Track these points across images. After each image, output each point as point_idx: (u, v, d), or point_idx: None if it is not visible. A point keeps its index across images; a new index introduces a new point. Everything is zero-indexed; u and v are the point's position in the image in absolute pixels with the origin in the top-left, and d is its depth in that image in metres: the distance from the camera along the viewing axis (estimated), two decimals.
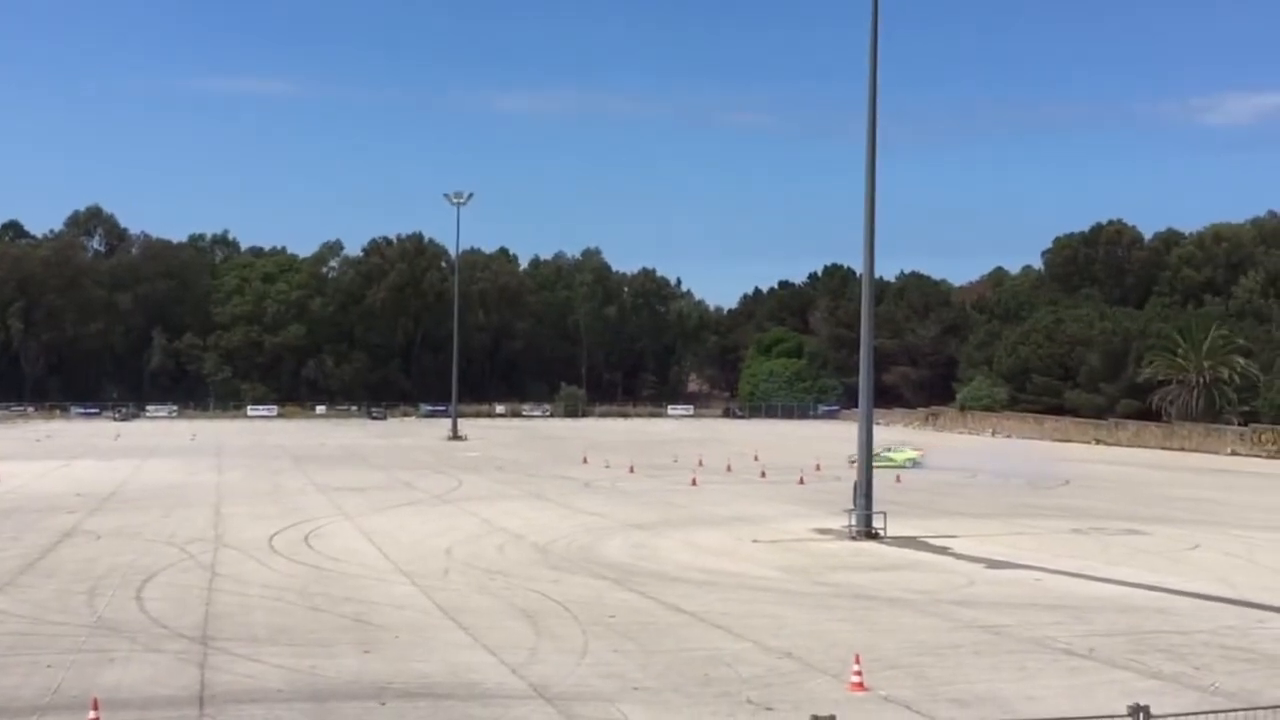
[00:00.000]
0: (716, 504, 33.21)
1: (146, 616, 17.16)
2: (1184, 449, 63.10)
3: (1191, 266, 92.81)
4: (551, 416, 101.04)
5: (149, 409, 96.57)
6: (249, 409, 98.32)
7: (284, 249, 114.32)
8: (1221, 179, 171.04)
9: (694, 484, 38.95)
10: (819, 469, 45.95)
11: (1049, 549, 24.71)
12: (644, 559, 23.10)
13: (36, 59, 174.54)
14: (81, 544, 24.51)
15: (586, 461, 49.20)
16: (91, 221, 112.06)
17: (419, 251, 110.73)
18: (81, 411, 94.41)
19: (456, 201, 70.98)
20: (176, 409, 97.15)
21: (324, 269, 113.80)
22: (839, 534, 26.54)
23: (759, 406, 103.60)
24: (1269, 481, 44.37)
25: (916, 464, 47.26)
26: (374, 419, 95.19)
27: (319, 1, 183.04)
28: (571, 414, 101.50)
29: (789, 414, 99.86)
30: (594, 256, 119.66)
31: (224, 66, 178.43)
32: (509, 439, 68.38)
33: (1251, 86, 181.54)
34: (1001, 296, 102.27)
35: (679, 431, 78.75)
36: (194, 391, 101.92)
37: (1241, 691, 13.07)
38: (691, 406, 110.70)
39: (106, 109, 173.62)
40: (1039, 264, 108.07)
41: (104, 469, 44.44)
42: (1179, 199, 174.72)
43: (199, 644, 15.34)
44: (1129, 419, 71.85)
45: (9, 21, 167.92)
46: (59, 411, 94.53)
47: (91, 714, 11.29)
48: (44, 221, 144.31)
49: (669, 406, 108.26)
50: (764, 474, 43.59)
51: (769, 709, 12.41)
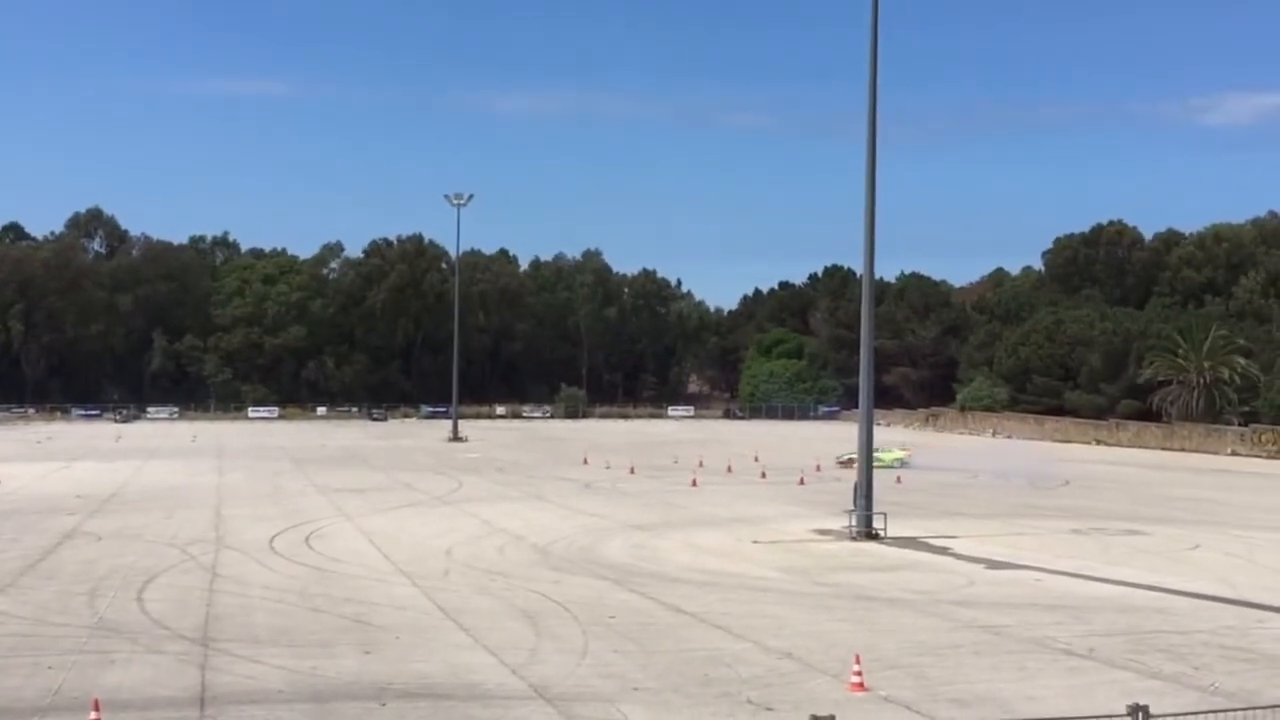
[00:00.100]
0: (717, 505, 33.22)
1: (147, 618, 17.19)
2: (1184, 449, 63.11)
3: (1192, 267, 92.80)
4: (552, 418, 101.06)
5: (150, 411, 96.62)
6: (250, 410, 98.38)
7: (284, 250, 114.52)
8: (1222, 179, 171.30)
9: (694, 485, 38.96)
10: (819, 470, 46.00)
11: (1049, 549, 24.73)
12: (644, 560, 23.13)
13: (37, 61, 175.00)
14: (82, 545, 24.54)
15: (587, 463, 49.21)
16: (92, 223, 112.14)
17: (419, 253, 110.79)
18: (82, 413, 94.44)
19: (457, 203, 71.03)
20: (177, 411, 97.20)
21: (324, 270, 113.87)
22: (839, 535, 26.56)
23: (759, 407, 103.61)
24: (1269, 482, 44.38)
25: (904, 464, 47.28)
26: (374, 420, 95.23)
27: (319, 3, 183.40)
28: (572, 415, 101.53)
29: (789, 415, 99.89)
30: (594, 258, 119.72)
31: (224, 68, 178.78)
32: (509, 440, 68.40)
33: (1251, 86, 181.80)
34: (1002, 297, 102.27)
35: (679, 432, 78.76)
36: (195, 393, 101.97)
37: (1241, 691, 13.08)
38: (692, 407, 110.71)
39: (107, 110, 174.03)
40: (1039, 264, 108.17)
41: (105, 471, 44.45)
42: (1179, 199, 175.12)
43: (200, 645, 15.36)
44: (1129, 419, 71.86)
45: (9, 23, 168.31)
46: (60, 413, 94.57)
47: (92, 715, 11.31)
48: (44, 223, 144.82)
49: (669, 407, 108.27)
50: (764, 475, 43.60)
51: (769, 709, 12.43)
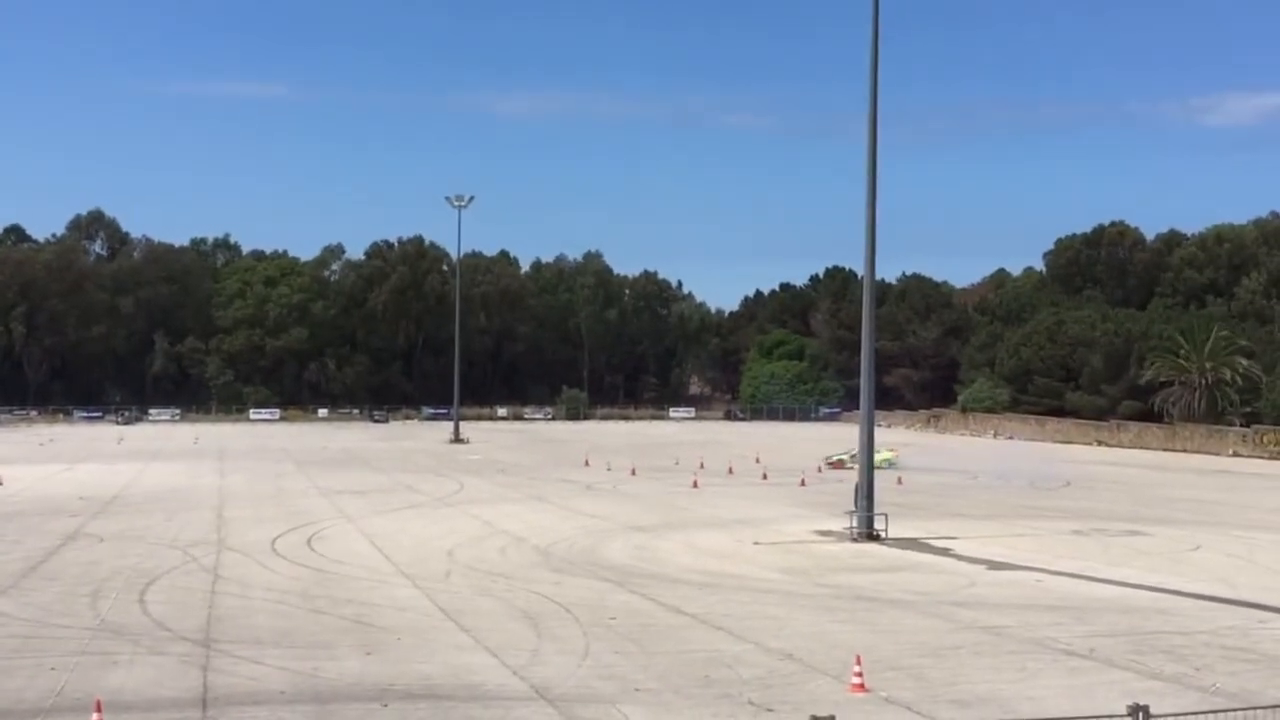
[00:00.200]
0: (718, 506, 33.23)
1: (149, 619, 17.21)
2: (1186, 450, 63.09)
3: (1193, 268, 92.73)
4: (553, 419, 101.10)
5: (151, 413, 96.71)
6: (251, 412, 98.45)
7: (285, 252, 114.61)
8: (1223, 180, 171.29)
9: (695, 486, 38.96)
10: (820, 471, 46.04)
11: (1050, 550, 24.73)
12: (645, 561, 23.14)
13: (38, 62, 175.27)
14: (85, 547, 24.57)
15: (588, 464, 49.22)
16: (93, 225, 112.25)
17: (420, 255, 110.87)
18: (84, 415, 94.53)
19: (457, 204, 71.08)
20: (179, 413, 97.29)
21: (326, 272, 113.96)
22: (840, 536, 26.56)
23: (760, 409, 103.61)
24: (1271, 482, 44.34)
25: (892, 464, 47.21)
26: (376, 422, 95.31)
27: (320, 5, 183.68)
28: (573, 417, 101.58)
29: (790, 416, 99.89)
30: (595, 259, 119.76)
31: (225, 70, 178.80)
32: (510, 442, 68.42)
33: (1253, 87, 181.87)
34: (1003, 298, 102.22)
35: (680, 434, 78.76)
36: (196, 395, 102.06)
37: (1242, 692, 13.08)
38: (693, 409, 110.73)
39: (108, 112, 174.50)
40: (1041, 265, 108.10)
41: (107, 472, 44.49)
42: (1181, 200, 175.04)
43: (202, 646, 15.39)
44: (1131, 420, 71.82)
45: (10, 25, 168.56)
46: (62, 415, 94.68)
47: (95, 716, 11.33)
48: (46, 225, 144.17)
49: (670, 409, 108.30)
50: (765, 476, 43.61)
51: (770, 710, 12.44)
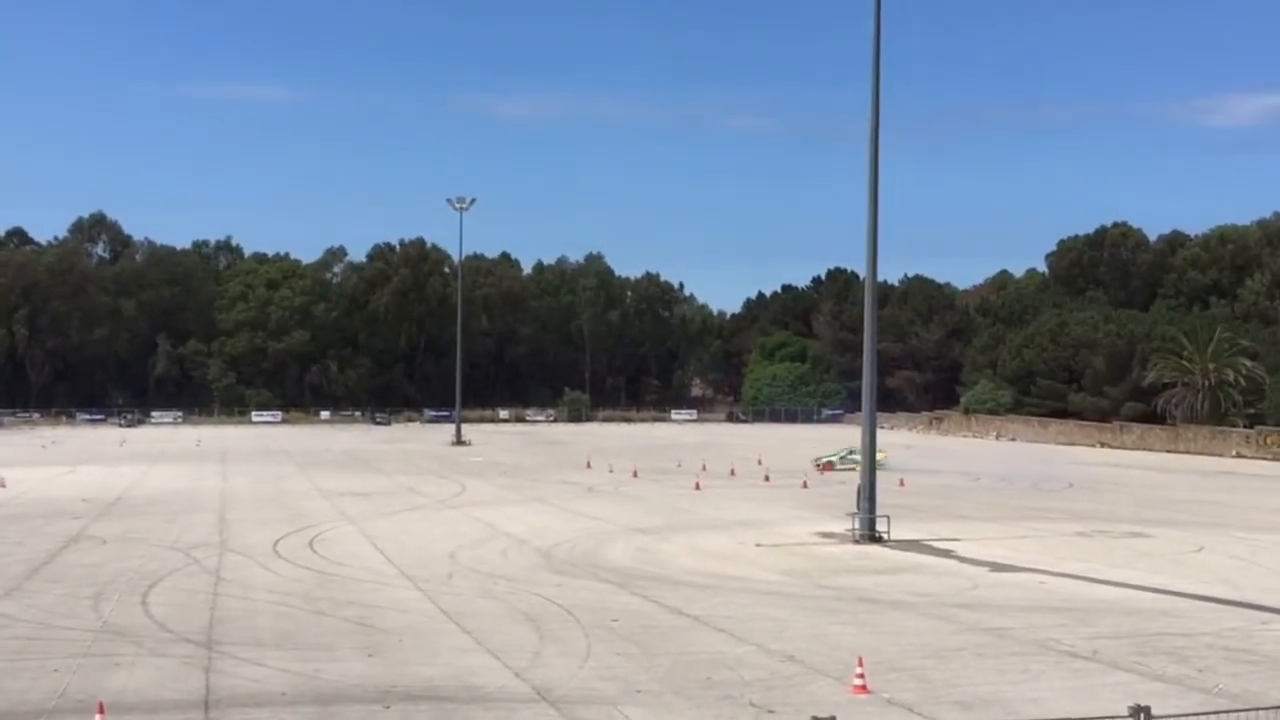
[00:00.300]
0: (720, 508, 33.23)
1: (152, 621, 17.23)
2: (1189, 452, 63.03)
3: (1197, 268, 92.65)
4: (555, 421, 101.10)
5: (154, 415, 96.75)
6: (253, 415, 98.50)
7: (288, 255, 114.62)
8: (1226, 180, 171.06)
9: (697, 488, 38.97)
10: (822, 473, 46.03)
11: (1053, 552, 24.72)
12: (647, 563, 23.14)
13: (40, 65, 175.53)
14: (87, 549, 24.59)
15: (590, 466, 49.22)
16: (96, 228, 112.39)
17: (422, 257, 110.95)
18: (87, 418, 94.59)
19: (459, 207, 71.12)
20: (181, 415, 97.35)
21: (328, 275, 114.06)
22: (842, 537, 26.56)
23: (762, 411, 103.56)
24: (1274, 484, 44.28)
25: (882, 466, 47.33)
26: (378, 424, 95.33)
27: (321, 8, 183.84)
28: (575, 419, 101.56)
29: (792, 418, 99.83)
30: (597, 261, 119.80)
31: (226, 73, 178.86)
32: (513, 444, 68.43)
33: (1255, 87, 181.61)
34: (1006, 299, 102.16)
35: (682, 436, 78.76)
36: (199, 397, 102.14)
37: (1245, 693, 13.07)
38: (695, 411, 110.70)
39: (110, 116, 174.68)
40: (1043, 266, 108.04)
41: (109, 475, 44.53)
42: (1184, 201, 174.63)
43: (204, 648, 15.40)
44: (1134, 422, 71.75)
45: (13, 28, 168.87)
46: (64, 418, 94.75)
47: (97, 717, 11.35)
48: (49, 228, 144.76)
49: (672, 411, 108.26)
50: (767, 478, 43.62)
51: (771, 712, 12.43)
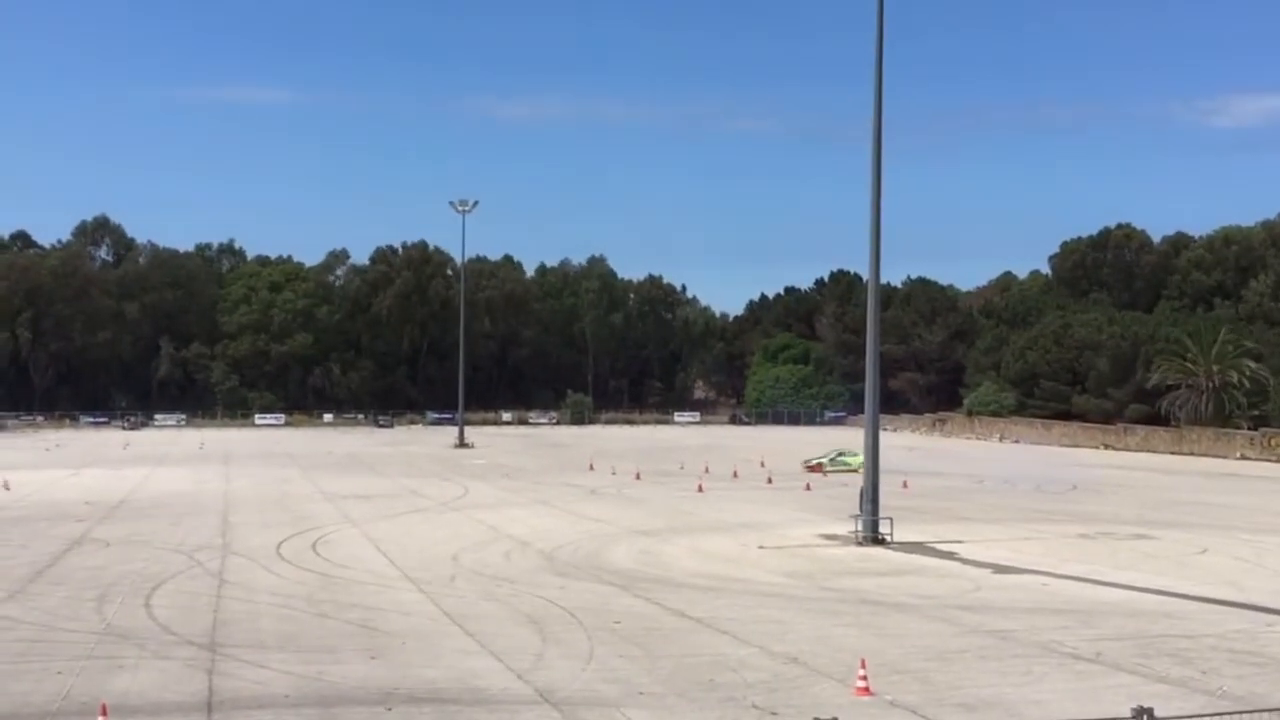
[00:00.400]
0: (722, 510, 33.21)
1: (155, 623, 17.25)
2: (1193, 453, 62.93)
3: (1201, 270, 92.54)
4: (558, 424, 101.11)
5: (157, 418, 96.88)
6: (256, 418, 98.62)
7: (290, 258, 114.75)
8: (1230, 181, 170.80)
9: (700, 490, 38.95)
10: (825, 475, 46.01)
11: (1056, 553, 24.69)
12: (650, 565, 23.13)
13: (43, 69, 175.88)
14: (91, 552, 24.62)
15: (593, 468, 49.23)
16: (99, 231, 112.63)
17: (425, 259, 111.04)
18: (90, 421, 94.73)
19: (462, 210, 71.17)
20: (184, 418, 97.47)
21: (330, 277, 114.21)
22: (845, 539, 26.54)
23: (765, 413, 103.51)
24: (1279, 485, 44.19)
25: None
26: (381, 427, 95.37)
27: (323, 11, 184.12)
28: (578, 421, 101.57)
29: (795, 420, 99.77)
30: (599, 263, 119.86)
31: (228, 76, 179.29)
32: (515, 446, 68.45)
33: (1259, 88, 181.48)
34: (1009, 301, 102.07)
35: (685, 438, 78.74)
36: (202, 400, 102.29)
37: (1250, 695, 13.04)
38: (698, 413, 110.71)
39: (114, 119, 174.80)
40: (1046, 268, 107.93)
41: (113, 477, 44.59)
42: (1188, 202, 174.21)
43: (207, 650, 15.41)
44: (1138, 424, 71.64)
45: (16, 31, 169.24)
46: (68, 421, 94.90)
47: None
48: (52, 231, 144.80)
49: (675, 413, 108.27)
50: (770, 480, 43.60)
51: (774, 714, 12.43)
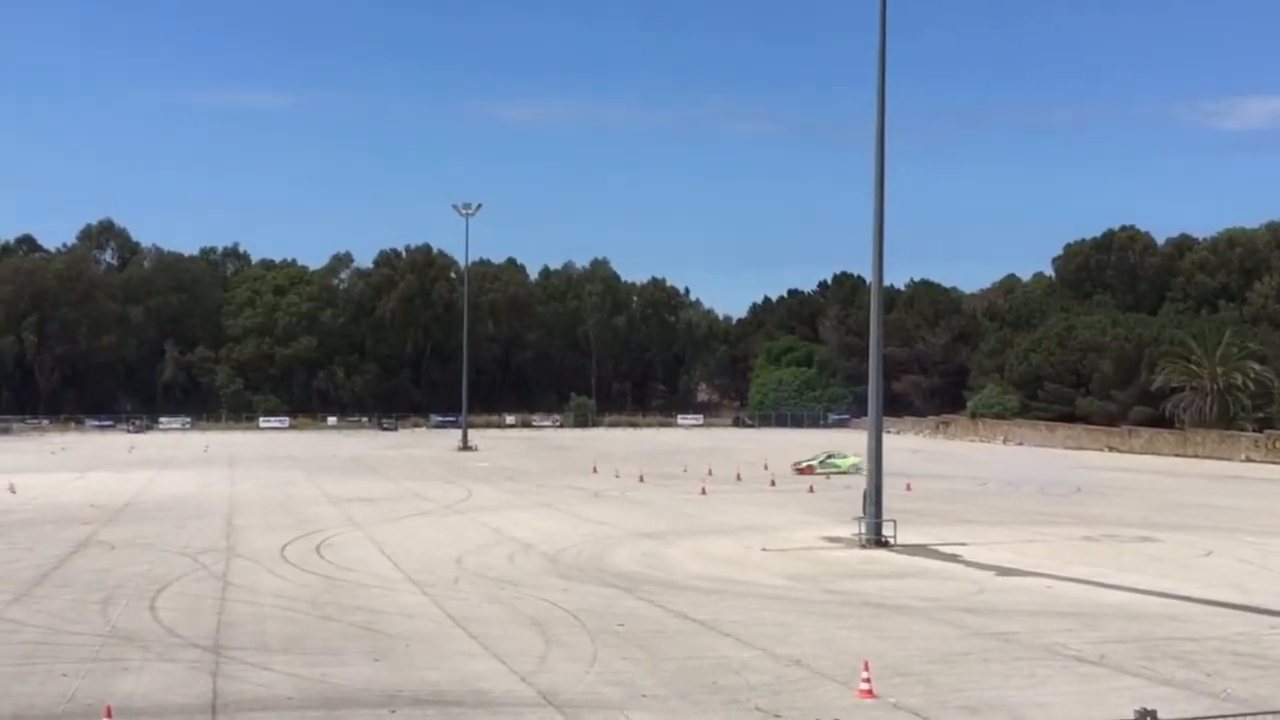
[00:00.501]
0: (726, 513, 33.21)
1: (160, 626, 17.29)
2: (1198, 456, 62.83)
3: (1205, 272, 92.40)
4: (561, 427, 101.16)
5: (162, 421, 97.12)
6: (261, 421, 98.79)
7: (294, 261, 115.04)
8: (1235, 183, 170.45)
9: (703, 493, 38.96)
10: (829, 478, 46.00)
11: (1060, 556, 24.66)
12: (653, 568, 23.14)
13: (48, 73, 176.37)
14: (96, 554, 24.68)
15: (596, 471, 49.25)
16: (104, 235, 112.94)
17: (428, 263, 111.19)
18: (96, 424, 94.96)
19: (465, 213, 71.24)
20: (189, 421, 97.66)
21: (334, 281, 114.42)
22: (849, 542, 26.54)
23: (769, 415, 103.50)
24: None
25: (859, 469, 47.47)
26: (385, 430, 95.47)
27: (326, 15, 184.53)
28: (581, 424, 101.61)
29: (799, 423, 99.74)
30: (603, 266, 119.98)
31: (232, 80, 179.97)
32: (519, 449, 68.48)
33: (1264, 90, 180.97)
34: (1013, 303, 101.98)
35: (689, 441, 78.73)
36: (206, 403, 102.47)
37: (1254, 698, 13.02)
38: (701, 416, 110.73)
39: (118, 123, 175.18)
40: (1050, 270, 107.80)
41: (118, 481, 44.69)
42: (1192, 204, 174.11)
43: (211, 653, 15.45)
44: (1142, 426, 71.54)
45: (21, 35, 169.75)
46: (73, 424, 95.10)
47: None
48: (57, 235, 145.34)
49: (678, 416, 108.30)
50: (774, 483, 43.61)
51: (777, 716, 12.43)
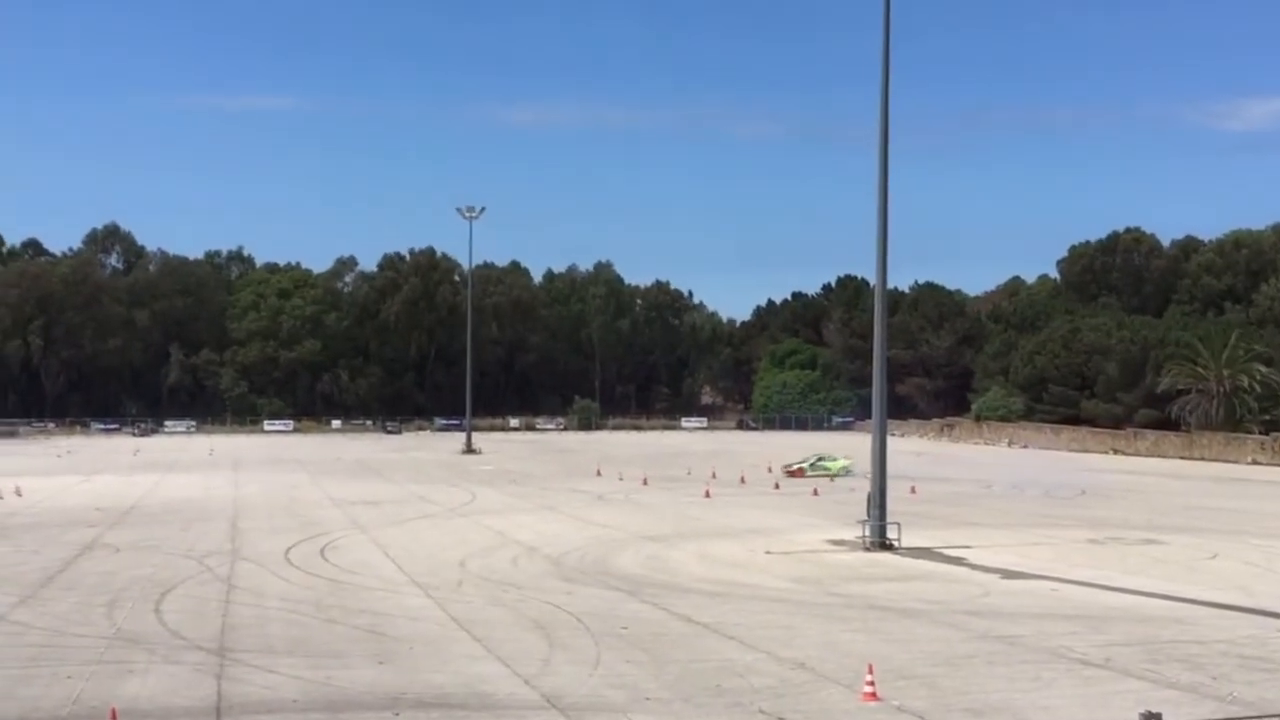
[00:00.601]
0: (730, 515, 33.19)
1: (165, 628, 17.32)
2: (1204, 458, 62.66)
3: (1211, 274, 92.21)
4: (565, 430, 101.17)
5: (167, 424, 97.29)
6: (265, 424, 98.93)
7: (299, 264, 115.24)
8: (1241, 185, 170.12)
9: (707, 496, 38.93)
10: (833, 480, 45.96)
11: (1065, 559, 24.62)
12: (657, 571, 23.13)
13: (54, 77, 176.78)
14: (101, 557, 24.73)
15: (600, 474, 49.25)
16: (109, 239, 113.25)
17: (432, 266, 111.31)
18: (101, 427, 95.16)
19: (469, 216, 71.31)
20: (194, 424, 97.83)
21: (339, 284, 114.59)
22: (853, 545, 26.51)
23: (773, 418, 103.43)
24: None
25: (849, 472, 47.68)
26: (389, 433, 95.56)
27: (330, 18, 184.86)
28: (585, 427, 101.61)
29: (803, 425, 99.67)
30: (606, 269, 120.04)
31: (237, 83, 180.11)
32: (523, 452, 68.50)
33: (1270, 91, 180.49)
34: (1017, 306, 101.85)
35: (692, 444, 78.70)
36: (211, 407, 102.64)
37: (1260, 701, 12.99)
38: (705, 419, 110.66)
39: (123, 126, 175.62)
40: (1055, 272, 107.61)
41: (123, 484, 44.79)
42: (1198, 205, 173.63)
43: (216, 655, 15.47)
44: (1148, 428, 71.38)
45: (26, 39, 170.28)
46: (79, 427, 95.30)
47: None
48: (63, 239, 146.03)
49: (682, 419, 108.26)
50: (778, 486, 43.58)
51: (781, 719, 12.42)
